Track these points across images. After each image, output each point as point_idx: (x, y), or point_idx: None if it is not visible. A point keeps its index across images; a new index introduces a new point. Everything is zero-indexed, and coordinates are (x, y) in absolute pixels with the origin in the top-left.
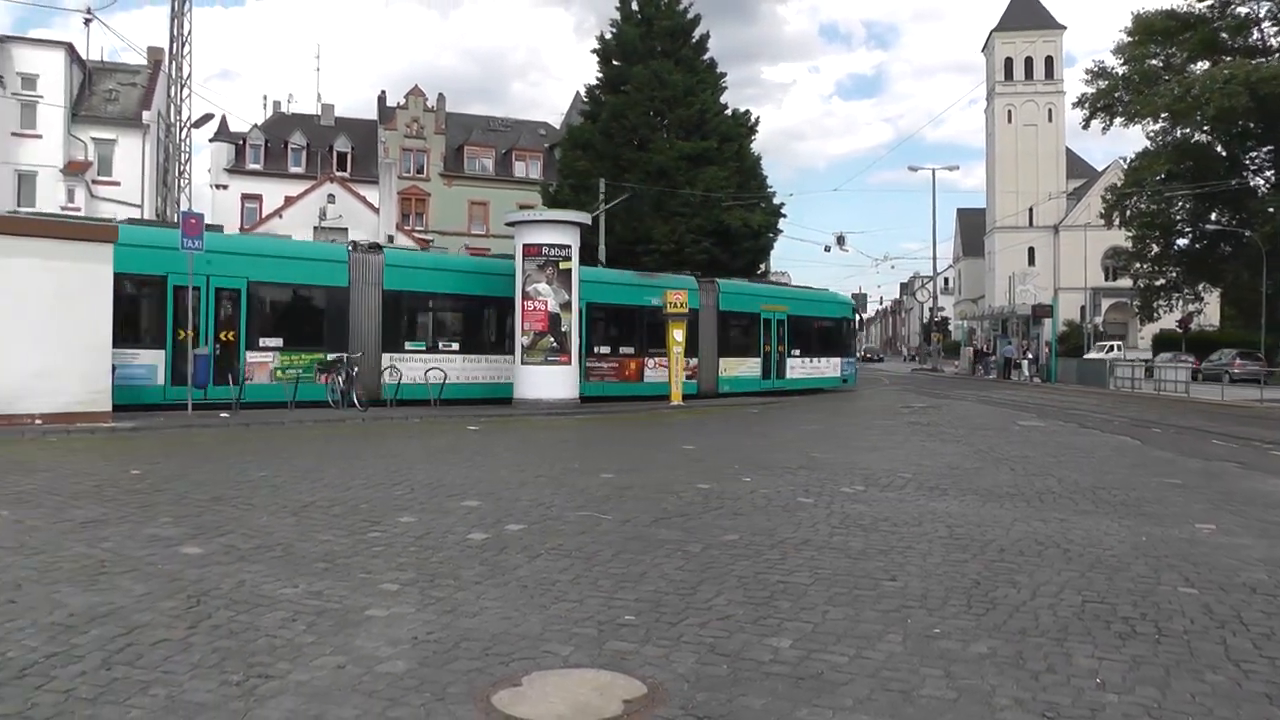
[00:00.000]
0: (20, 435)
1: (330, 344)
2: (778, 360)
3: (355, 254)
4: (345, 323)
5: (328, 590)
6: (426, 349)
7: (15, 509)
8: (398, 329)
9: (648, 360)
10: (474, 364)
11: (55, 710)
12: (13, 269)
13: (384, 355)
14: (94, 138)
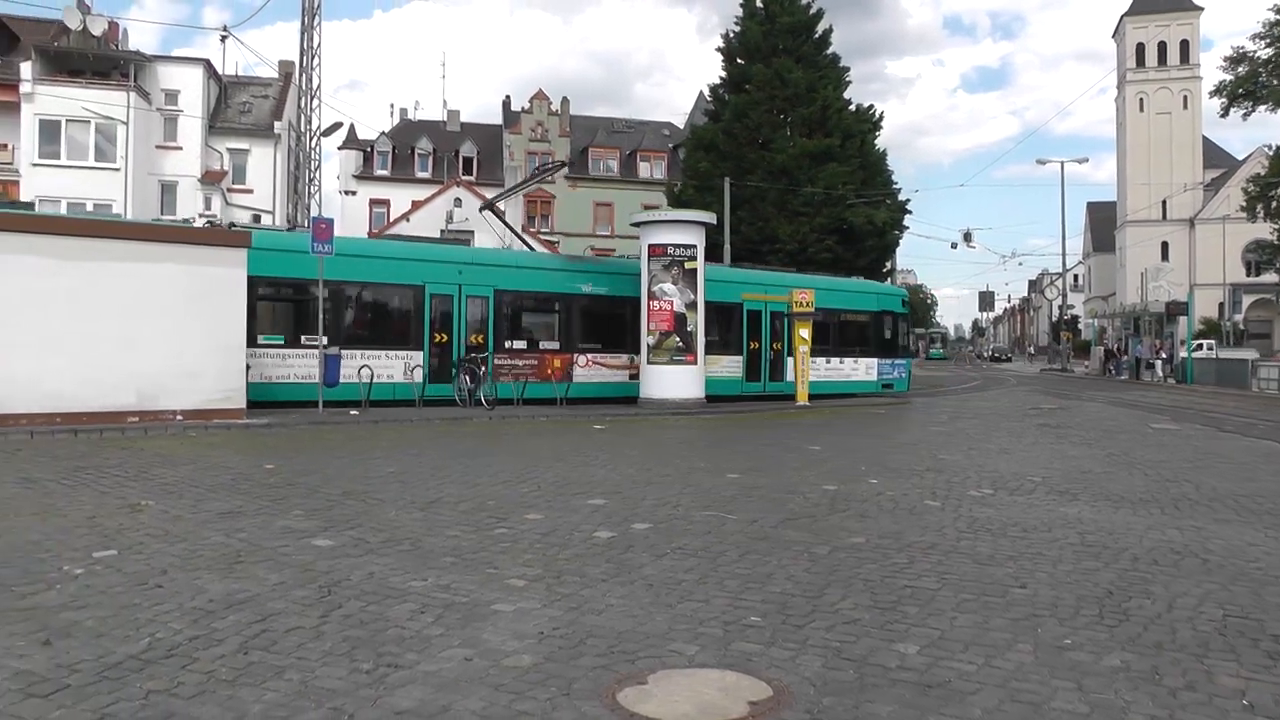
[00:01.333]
0: (163, 430)
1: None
2: (771, 359)
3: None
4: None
5: (455, 584)
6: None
7: (160, 499)
8: (503, 329)
9: (576, 357)
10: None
11: (198, 689)
12: (158, 273)
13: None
14: (229, 148)
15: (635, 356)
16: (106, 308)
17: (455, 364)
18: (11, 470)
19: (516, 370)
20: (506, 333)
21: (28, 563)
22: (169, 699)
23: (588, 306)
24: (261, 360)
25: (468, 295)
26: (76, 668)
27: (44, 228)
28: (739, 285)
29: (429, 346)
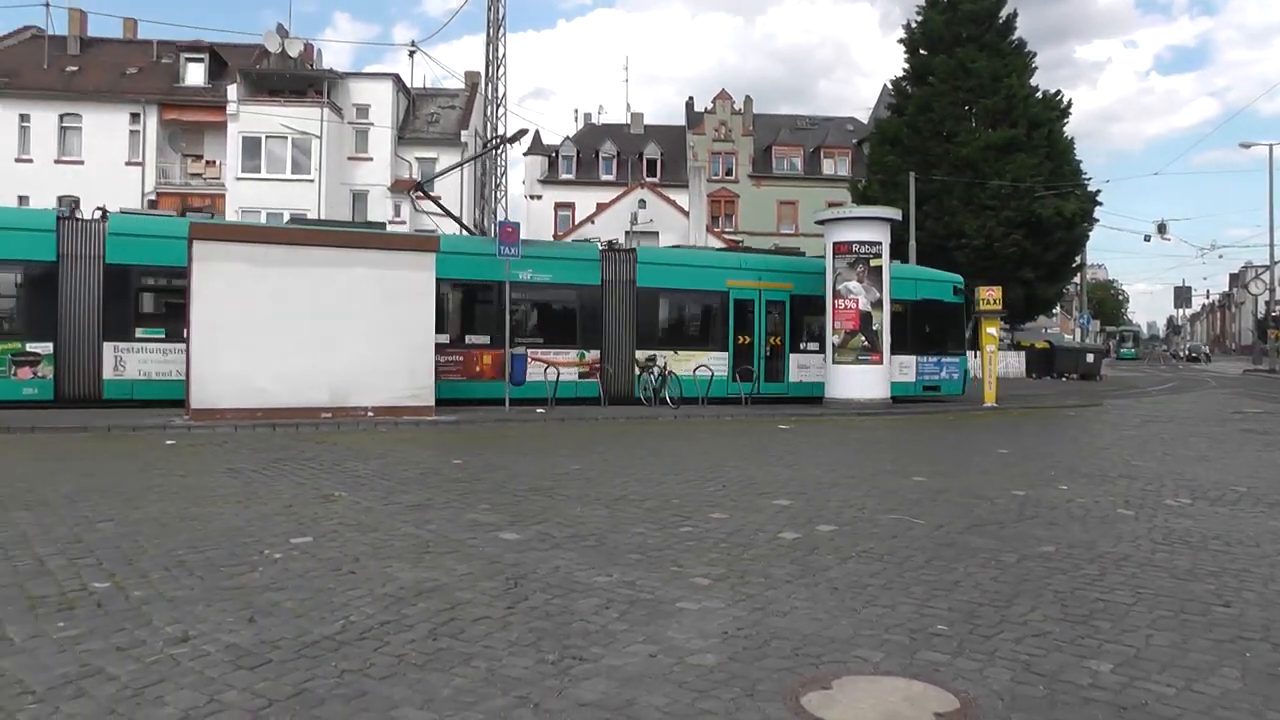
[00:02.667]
0: (355, 426)
1: (584, 342)
2: (766, 356)
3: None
4: (599, 322)
5: (640, 580)
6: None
7: (353, 491)
8: (651, 327)
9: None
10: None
11: (389, 671)
12: (351, 277)
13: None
14: (417, 157)
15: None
16: (305, 310)
17: (640, 364)
18: (219, 461)
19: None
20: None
21: (233, 546)
22: (362, 678)
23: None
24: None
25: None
26: (277, 644)
27: (250, 237)
28: (721, 271)
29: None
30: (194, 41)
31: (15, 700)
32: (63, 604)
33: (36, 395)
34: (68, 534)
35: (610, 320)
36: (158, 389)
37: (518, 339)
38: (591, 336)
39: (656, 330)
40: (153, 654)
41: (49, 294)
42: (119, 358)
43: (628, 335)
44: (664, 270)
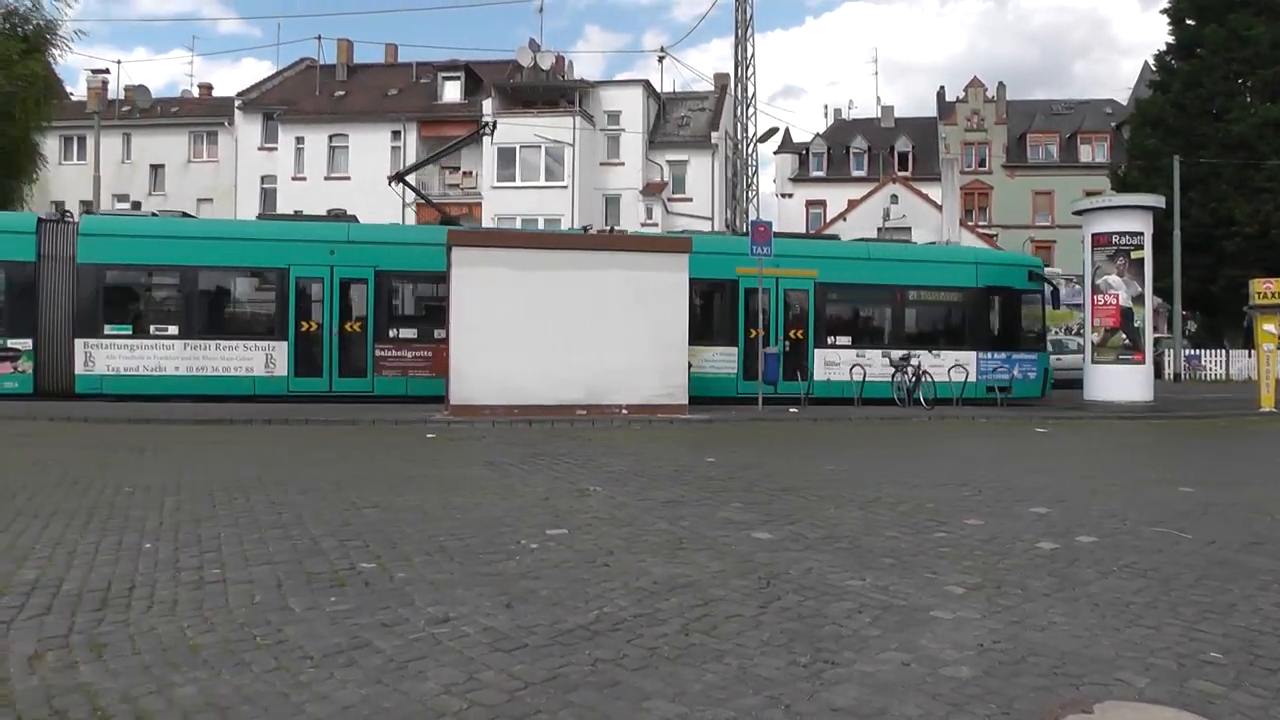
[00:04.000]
0: (610, 423)
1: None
2: (787, 351)
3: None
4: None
5: (893, 586)
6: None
7: (607, 486)
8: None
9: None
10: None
11: (641, 663)
12: (605, 279)
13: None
14: (668, 160)
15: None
16: (560, 311)
17: (895, 364)
18: (479, 455)
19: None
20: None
21: (492, 535)
22: (615, 669)
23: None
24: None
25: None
26: (533, 630)
27: (508, 242)
28: (731, 258)
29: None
30: (450, 61)
31: (297, 663)
32: (334, 581)
33: (16, 389)
34: (338, 518)
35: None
36: (125, 384)
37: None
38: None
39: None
40: (415, 631)
41: (29, 293)
42: (88, 353)
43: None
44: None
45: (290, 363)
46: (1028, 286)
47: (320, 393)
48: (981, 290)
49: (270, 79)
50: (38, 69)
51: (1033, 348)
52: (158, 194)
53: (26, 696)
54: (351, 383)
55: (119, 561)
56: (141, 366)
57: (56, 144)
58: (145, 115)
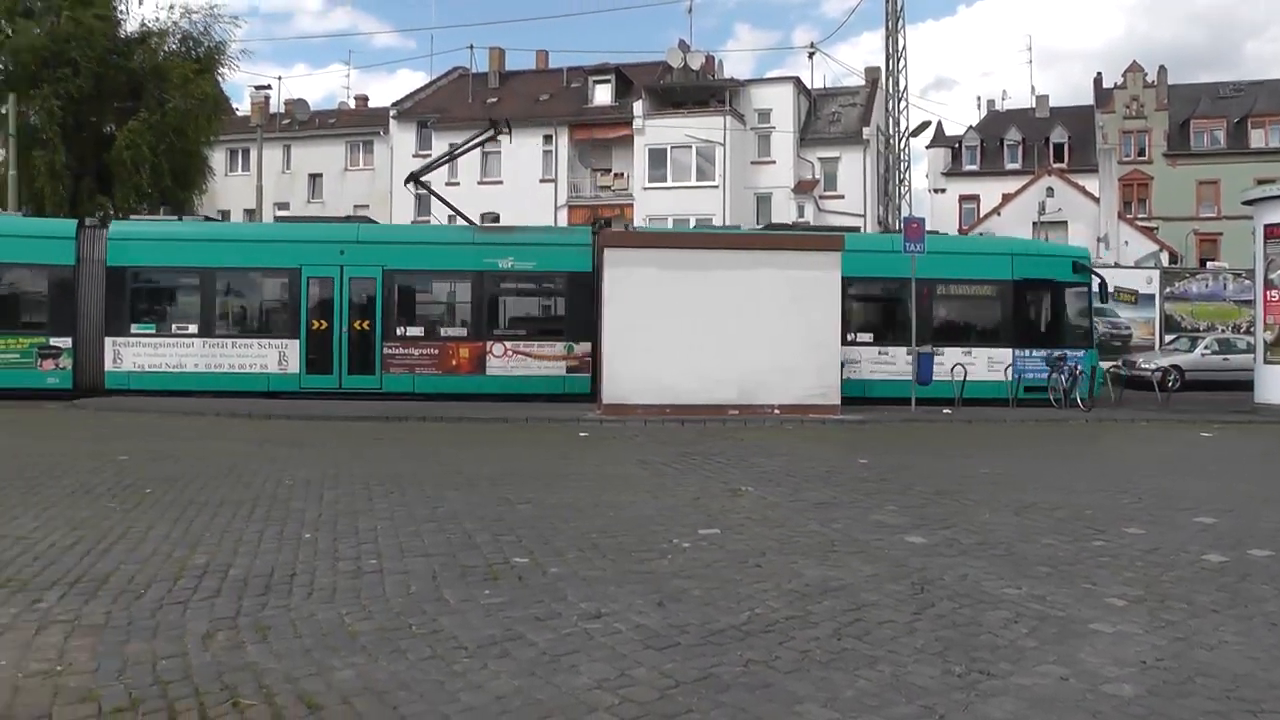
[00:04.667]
0: (761, 423)
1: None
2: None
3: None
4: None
5: (1050, 596)
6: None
7: (759, 486)
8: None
9: (491, 346)
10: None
11: (794, 666)
12: (757, 278)
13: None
14: (819, 157)
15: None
16: (712, 311)
17: (1050, 363)
18: (632, 453)
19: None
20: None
21: (643, 533)
22: (767, 670)
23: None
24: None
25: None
26: (685, 629)
27: (659, 243)
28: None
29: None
30: (600, 65)
31: (452, 653)
32: (488, 574)
33: (58, 384)
34: (492, 513)
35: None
36: (150, 380)
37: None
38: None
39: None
40: (568, 626)
41: (69, 295)
42: (117, 351)
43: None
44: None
45: (302, 360)
46: (1072, 279)
47: (330, 389)
48: (1020, 283)
49: (424, 89)
50: (208, 88)
51: (1078, 344)
52: (316, 201)
53: (201, 671)
54: (360, 380)
55: (281, 550)
56: (164, 364)
57: (223, 157)
58: (304, 127)
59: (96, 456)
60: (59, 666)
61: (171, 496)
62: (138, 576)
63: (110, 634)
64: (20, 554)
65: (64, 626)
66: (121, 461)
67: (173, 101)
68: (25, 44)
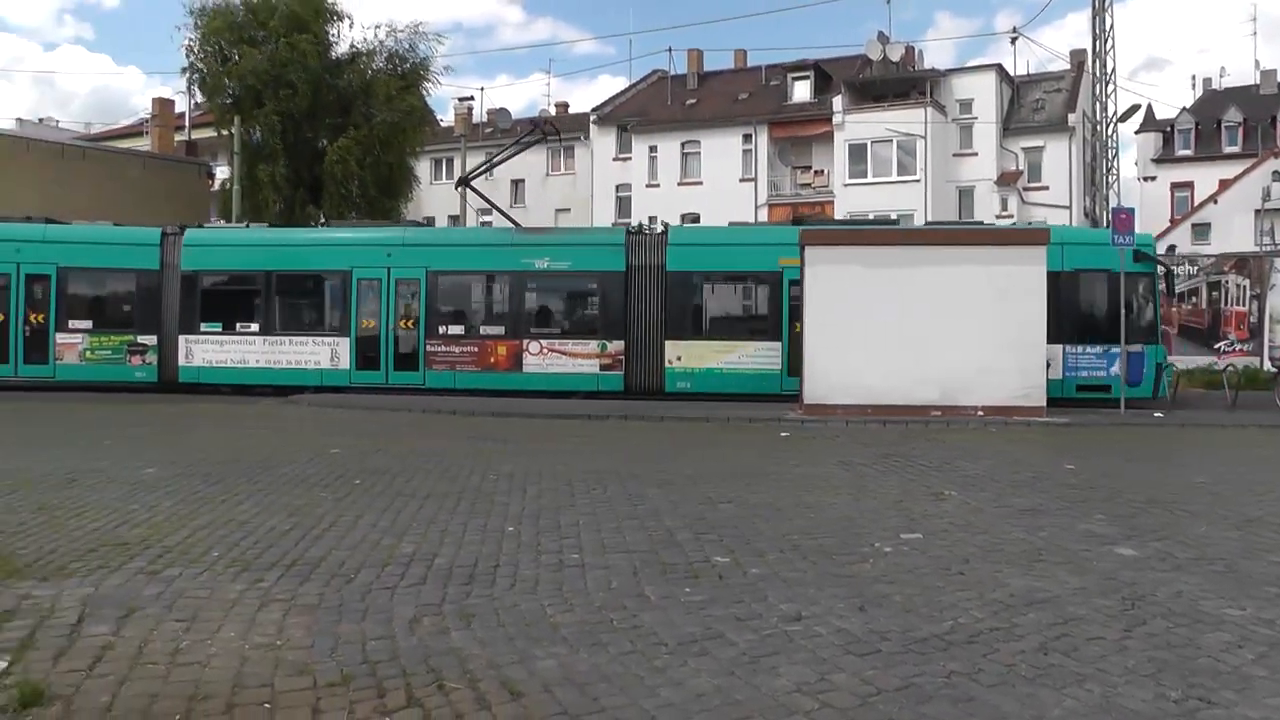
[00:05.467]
0: (964, 425)
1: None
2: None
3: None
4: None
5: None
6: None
7: (962, 490)
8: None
9: (527, 344)
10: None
11: (998, 680)
12: (959, 275)
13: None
14: (1023, 147)
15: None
16: (913, 309)
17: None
18: (832, 454)
19: None
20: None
21: (844, 536)
22: (969, 683)
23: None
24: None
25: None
26: (886, 636)
27: (860, 240)
28: (775, 249)
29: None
30: (799, 61)
31: (652, 649)
32: (689, 572)
33: (145, 379)
34: (693, 511)
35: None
36: (216, 374)
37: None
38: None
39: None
40: (768, 628)
41: (154, 296)
42: (188, 348)
43: None
44: None
45: (352, 357)
46: (1132, 269)
47: (378, 385)
48: (1071, 274)
49: (623, 93)
50: (413, 102)
51: (1139, 340)
52: (518, 206)
53: (408, 653)
54: (405, 376)
55: (485, 542)
56: (229, 359)
57: (428, 166)
58: (506, 135)
59: (310, 449)
60: (278, 641)
61: (380, 488)
62: (348, 562)
63: (324, 614)
64: (243, 537)
65: (282, 605)
66: (333, 454)
67: (379, 116)
68: (250, 69)
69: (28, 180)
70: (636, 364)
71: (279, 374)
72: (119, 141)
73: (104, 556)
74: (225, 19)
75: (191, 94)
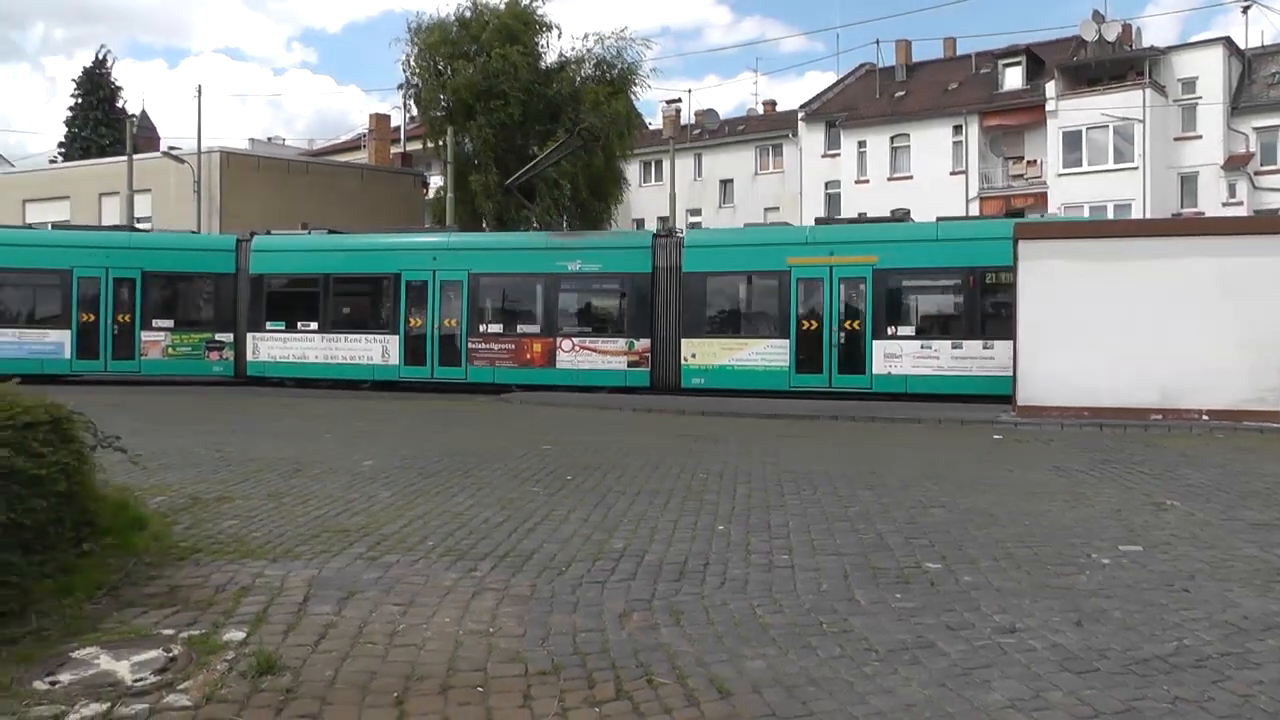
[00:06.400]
0: (1187, 429)
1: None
2: (840, 343)
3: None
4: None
5: None
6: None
7: (1186, 501)
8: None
9: (560, 342)
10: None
11: (1231, 710)
12: (1182, 269)
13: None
14: (1255, 127)
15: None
16: (1132, 305)
17: None
18: (1045, 458)
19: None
20: None
21: (1060, 545)
22: (1199, 711)
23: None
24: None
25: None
26: (1105, 654)
27: (1076, 233)
28: (784, 248)
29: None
30: (1010, 47)
31: (862, 654)
32: (899, 578)
33: (222, 372)
34: (904, 515)
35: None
36: (279, 369)
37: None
38: None
39: None
40: (980, 638)
41: (229, 297)
42: (255, 344)
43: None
44: None
45: (401, 354)
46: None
47: (423, 380)
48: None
49: (831, 88)
50: (620, 107)
51: None
52: (726, 207)
53: (618, 647)
54: (449, 371)
55: (694, 539)
56: (291, 355)
57: (637, 169)
58: (713, 136)
59: (523, 445)
60: (491, 629)
61: (591, 484)
62: (559, 555)
63: (535, 605)
64: (458, 528)
65: (495, 594)
66: (545, 451)
67: (587, 122)
68: (463, 82)
69: (257, 194)
70: (660, 361)
71: (335, 369)
72: (339, 156)
73: (326, 542)
74: (440, 34)
75: (407, 108)
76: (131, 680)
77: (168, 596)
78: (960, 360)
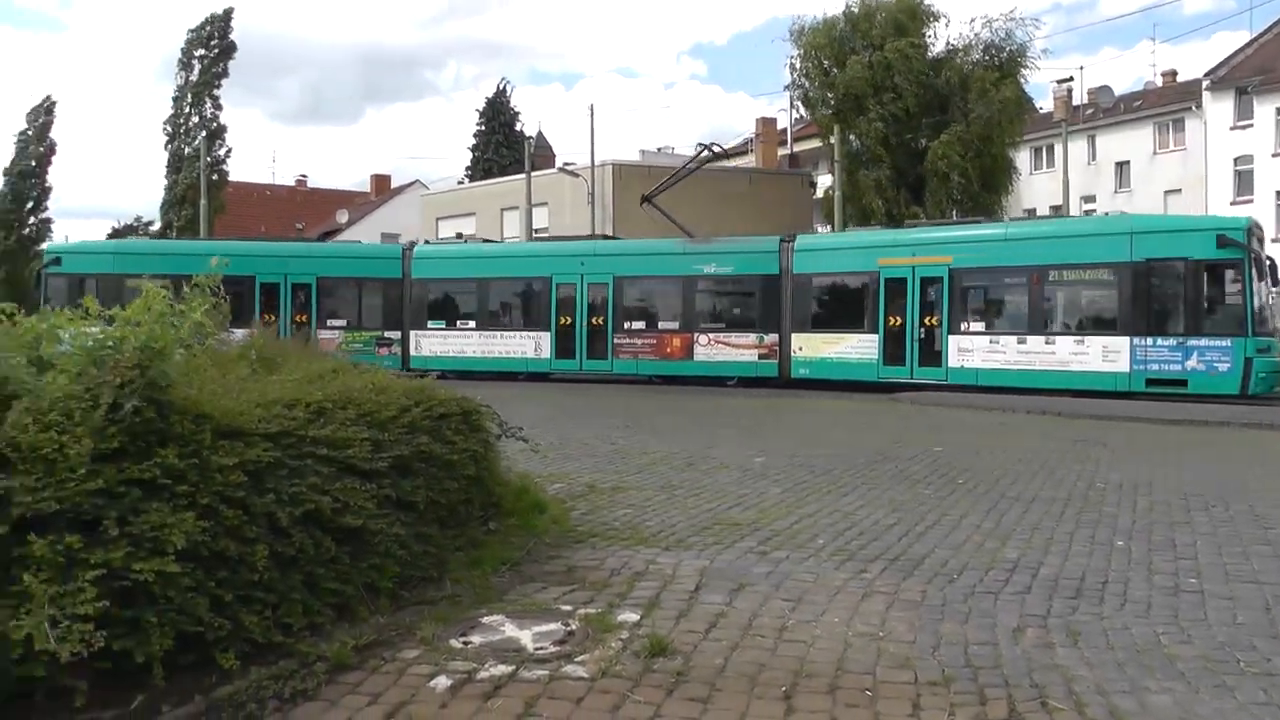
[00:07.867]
0: None
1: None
2: (922, 337)
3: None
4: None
5: None
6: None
7: None
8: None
9: (697, 336)
10: None
11: None
12: None
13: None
14: None
15: None
16: None
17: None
18: None
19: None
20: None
21: None
22: None
23: None
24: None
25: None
26: None
27: None
28: (875, 250)
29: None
30: None
31: None
32: None
33: (391, 365)
34: None
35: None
36: (439, 363)
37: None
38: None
39: None
40: None
41: (398, 300)
42: (418, 341)
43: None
44: None
45: (551, 348)
46: (1215, 256)
47: (572, 372)
48: (1141, 264)
49: (1241, 50)
50: (1009, 93)
51: (1221, 332)
52: (1122, 191)
53: (1011, 663)
54: (596, 364)
55: (1092, 554)
56: (450, 350)
57: (1027, 156)
58: (1108, 114)
59: (914, 446)
60: (880, 633)
61: (983, 488)
62: (951, 561)
63: (926, 611)
64: (848, 528)
65: (885, 598)
66: (936, 452)
67: (976, 110)
68: (854, 75)
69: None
70: (784, 354)
71: (490, 362)
72: (727, 161)
73: (717, 534)
74: (826, 33)
75: (794, 109)
76: (533, 648)
77: (566, 575)
78: (1024, 355)
